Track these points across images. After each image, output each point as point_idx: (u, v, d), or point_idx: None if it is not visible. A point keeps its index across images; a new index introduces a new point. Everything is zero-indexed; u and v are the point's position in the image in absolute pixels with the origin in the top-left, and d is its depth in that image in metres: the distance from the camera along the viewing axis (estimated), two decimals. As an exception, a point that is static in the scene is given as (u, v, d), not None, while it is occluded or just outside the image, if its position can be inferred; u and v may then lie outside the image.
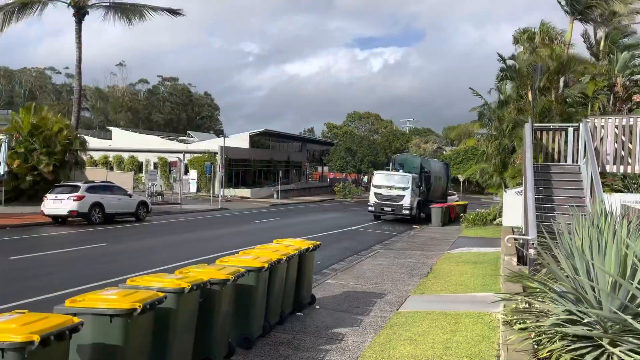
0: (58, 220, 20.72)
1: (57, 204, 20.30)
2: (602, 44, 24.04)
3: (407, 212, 27.40)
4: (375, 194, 28.25)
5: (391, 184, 28.05)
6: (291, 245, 8.54)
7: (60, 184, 22.14)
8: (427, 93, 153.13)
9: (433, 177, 31.50)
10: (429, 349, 6.70)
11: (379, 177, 29.17)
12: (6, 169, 22.23)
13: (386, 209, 27.77)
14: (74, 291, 9.21)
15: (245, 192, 43.68)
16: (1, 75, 72.99)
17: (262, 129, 49.54)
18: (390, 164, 32.26)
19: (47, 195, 20.77)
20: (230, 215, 28.73)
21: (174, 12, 29.77)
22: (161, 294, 4.96)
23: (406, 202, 27.47)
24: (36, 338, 3.67)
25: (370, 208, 28.39)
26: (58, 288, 9.80)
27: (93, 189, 21.27)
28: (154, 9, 29.30)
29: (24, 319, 3.94)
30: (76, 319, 4.19)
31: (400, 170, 29.20)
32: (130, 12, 28.98)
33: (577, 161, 13.01)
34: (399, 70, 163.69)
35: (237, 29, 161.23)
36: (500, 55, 24.50)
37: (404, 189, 27.64)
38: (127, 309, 4.46)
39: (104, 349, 4.46)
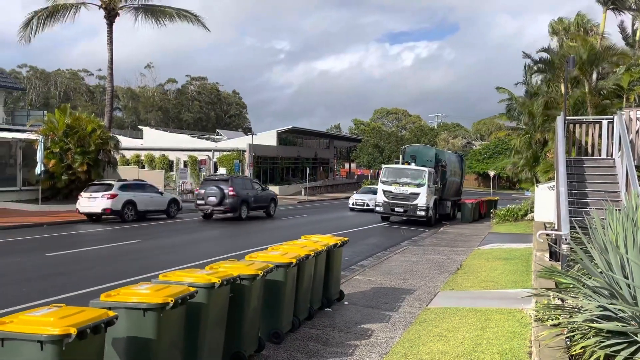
0: (92, 217, 21.25)
1: (91, 202, 20.83)
2: (638, 34, 23.30)
3: (423, 213, 23.29)
4: (384, 191, 24.06)
5: (403, 179, 23.95)
6: (319, 241, 8.57)
7: (94, 182, 22.67)
8: (459, 87, 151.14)
9: (449, 171, 27.29)
10: (459, 345, 6.64)
11: (389, 172, 24.80)
12: (43, 169, 22.89)
13: (397, 209, 23.74)
14: (108, 286, 9.45)
15: (273, 189, 43.90)
16: (37, 77, 75.18)
17: (290, 127, 49.75)
18: (400, 156, 27.65)
19: (82, 193, 21.32)
20: (259, 212, 28.93)
21: (200, 23, 29.96)
22: (192, 289, 5.06)
23: (421, 201, 23.31)
24: (73, 331, 3.78)
25: (377, 208, 24.39)
26: (93, 283, 10.07)
27: (126, 187, 21.74)
28: (184, 16, 29.61)
29: (62, 313, 4.07)
30: (111, 313, 4.30)
31: (413, 164, 24.82)
32: (159, 14, 29.43)
33: (611, 155, 12.67)
34: (430, 65, 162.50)
35: (270, 26, 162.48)
36: (525, 53, 24.07)
37: (419, 185, 23.47)
38: (159, 303, 4.56)
39: (137, 342, 4.58)
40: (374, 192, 28.33)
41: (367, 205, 29.53)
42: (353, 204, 31.07)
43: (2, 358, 3.90)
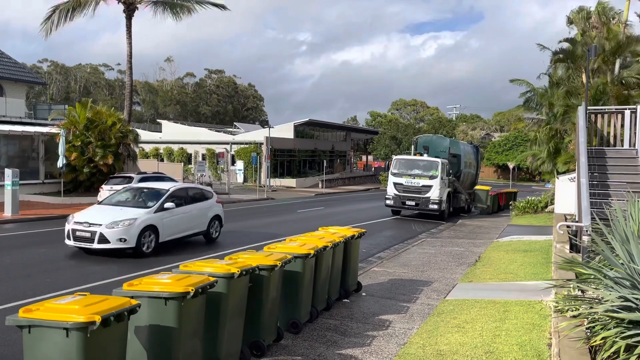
0: (113, 210, 21.46)
1: (112, 194, 21.07)
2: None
3: (436, 206, 22.32)
4: (395, 184, 23.07)
5: (415, 171, 23.00)
6: (337, 232, 8.60)
7: (115, 175, 23.00)
8: (483, 78, 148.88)
9: (463, 163, 26.18)
10: (478, 336, 6.63)
11: (400, 163, 23.67)
12: (65, 162, 23.27)
13: (408, 202, 22.74)
14: (131, 276, 9.64)
15: (290, 181, 44.09)
16: (58, 72, 76.26)
17: (307, 119, 49.76)
18: (412, 146, 26.35)
19: (103, 186, 21.64)
20: (276, 204, 29.09)
21: (220, 7, 30.20)
22: (212, 279, 5.14)
23: (434, 194, 22.33)
24: (97, 318, 3.89)
25: (387, 201, 23.31)
26: (116, 274, 10.27)
27: (145, 180, 21.96)
28: (200, 2, 29.83)
29: (86, 301, 4.17)
30: (134, 301, 4.40)
31: (425, 155, 23.89)
32: (177, 7, 29.62)
33: (634, 145, 12.44)
34: (454, 55, 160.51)
35: (292, 18, 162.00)
36: (542, 45, 23.57)
37: (432, 177, 22.49)
38: (180, 293, 4.65)
39: (159, 330, 4.68)
40: (134, 201, 13.48)
41: (103, 239, 11.91)
42: (69, 233, 12.45)
43: (30, 344, 4.02)
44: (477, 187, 27.20)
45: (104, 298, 4.31)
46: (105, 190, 21.27)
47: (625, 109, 13.09)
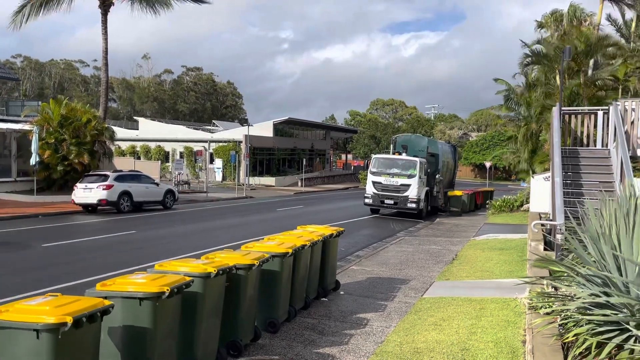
0: (88, 208, 21.21)
1: (87, 193, 20.78)
2: (633, 25, 23.31)
3: (414, 205, 22.50)
4: (374, 182, 23.16)
5: (394, 170, 23.17)
6: (315, 231, 8.58)
7: (90, 173, 22.61)
8: (464, 77, 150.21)
9: (441, 162, 26.39)
10: (454, 334, 6.69)
11: (379, 162, 23.84)
12: (38, 159, 22.80)
13: (387, 201, 22.90)
14: (104, 276, 9.46)
15: (269, 180, 43.95)
16: (32, 68, 74.61)
17: (286, 117, 49.64)
18: (391, 145, 26.76)
19: (77, 184, 21.27)
20: (255, 203, 28.97)
21: (199, 1, 29.93)
22: (188, 278, 5.07)
23: (412, 193, 22.51)
24: (69, 319, 3.80)
25: (366, 200, 23.39)
26: (89, 274, 10.07)
27: (121, 178, 21.69)
28: None
29: (57, 302, 4.08)
30: (107, 302, 4.31)
31: (404, 154, 23.97)
32: (155, 2, 29.22)
33: (607, 145, 12.71)
34: (435, 55, 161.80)
35: (275, 15, 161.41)
36: (523, 42, 24.02)
37: (410, 176, 22.65)
38: (155, 293, 4.57)
39: (133, 331, 4.59)
40: None
41: None
42: None
43: (-1, 346, 3.91)
44: (450, 193, 27.42)
45: (76, 299, 4.21)
46: (79, 189, 20.95)
47: (598, 109, 13.38)
